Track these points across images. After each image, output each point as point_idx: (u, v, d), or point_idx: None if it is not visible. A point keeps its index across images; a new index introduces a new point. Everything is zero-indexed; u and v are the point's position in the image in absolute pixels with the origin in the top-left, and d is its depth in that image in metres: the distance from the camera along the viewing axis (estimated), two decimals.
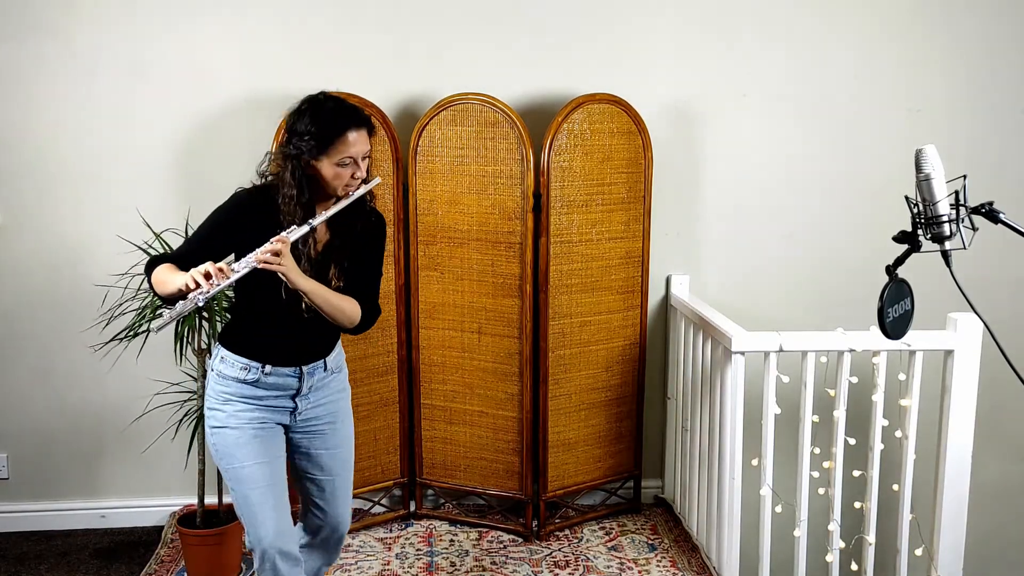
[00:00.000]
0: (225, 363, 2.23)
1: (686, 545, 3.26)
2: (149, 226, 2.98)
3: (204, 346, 2.89)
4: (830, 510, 2.89)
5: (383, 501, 3.45)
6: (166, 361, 3.10)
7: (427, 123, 3.16)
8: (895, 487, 2.93)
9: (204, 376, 2.90)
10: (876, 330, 2.24)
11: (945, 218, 1.74)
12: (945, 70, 3.50)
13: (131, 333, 2.81)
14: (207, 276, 1.98)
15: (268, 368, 2.22)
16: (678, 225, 3.51)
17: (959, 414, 2.84)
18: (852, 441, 2.85)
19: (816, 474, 2.90)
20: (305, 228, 2.12)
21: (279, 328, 2.22)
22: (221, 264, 2.01)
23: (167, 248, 2.89)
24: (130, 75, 3.24)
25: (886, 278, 1.85)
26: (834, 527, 2.89)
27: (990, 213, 1.77)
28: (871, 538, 2.92)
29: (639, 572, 3.09)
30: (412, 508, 3.45)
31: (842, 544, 2.92)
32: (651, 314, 3.49)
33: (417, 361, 3.32)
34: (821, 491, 2.92)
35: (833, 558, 2.91)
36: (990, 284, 3.51)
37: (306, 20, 3.27)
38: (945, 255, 1.77)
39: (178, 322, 2.78)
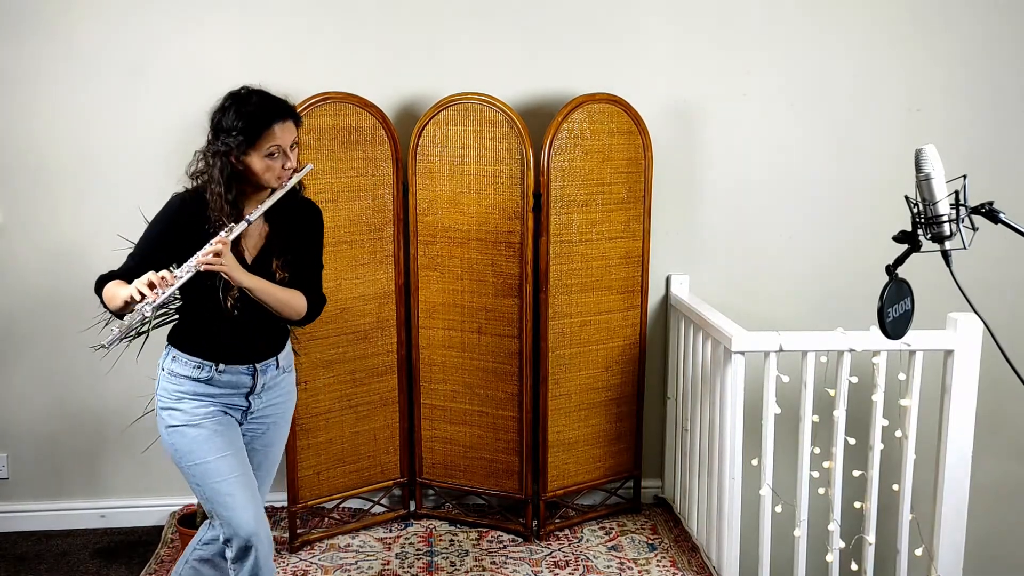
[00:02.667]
0: (177, 362, 2.24)
1: (686, 545, 3.25)
2: None
3: None
4: (830, 510, 2.89)
5: (383, 501, 3.45)
6: None
7: (427, 123, 3.16)
8: (895, 487, 2.93)
9: None
10: (876, 330, 2.24)
11: (945, 218, 1.74)
12: (945, 70, 3.50)
13: (131, 333, 2.80)
14: (151, 286, 2.00)
15: (221, 366, 2.23)
16: (678, 225, 3.51)
17: (959, 414, 2.84)
18: (852, 441, 2.85)
19: (816, 474, 2.90)
20: (243, 225, 2.14)
21: (227, 327, 2.22)
22: (163, 272, 2.03)
23: None
24: (130, 75, 3.24)
25: (886, 278, 1.85)
26: (834, 527, 2.89)
27: (990, 213, 1.77)
28: (871, 538, 2.92)
29: (639, 572, 3.09)
30: (412, 508, 3.45)
31: (842, 544, 2.92)
32: (651, 314, 3.49)
33: (417, 361, 3.32)
34: (821, 491, 2.92)
35: (833, 558, 2.90)
36: (990, 284, 3.51)
37: (306, 20, 3.27)
38: (945, 255, 1.77)
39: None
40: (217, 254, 2.06)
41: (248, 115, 2.13)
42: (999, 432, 3.63)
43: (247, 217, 2.16)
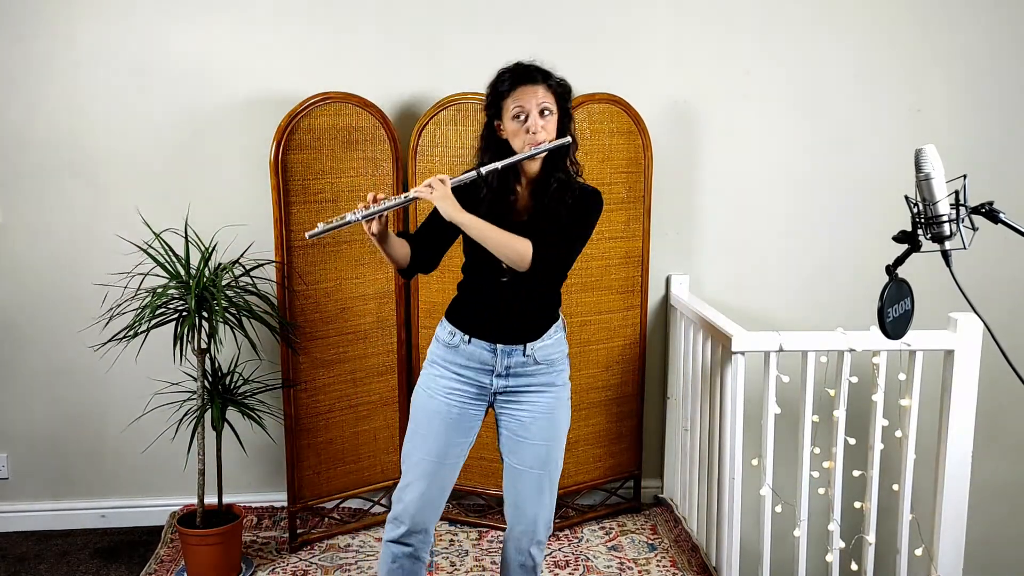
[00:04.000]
0: (441, 327, 2.31)
1: (686, 545, 3.25)
2: (149, 226, 2.98)
3: (204, 346, 2.89)
4: (830, 510, 2.89)
5: (383, 501, 3.45)
6: (166, 361, 3.10)
7: (427, 123, 3.16)
8: (895, 487, 2.92)
9: (204, 376, 2.91)
10: (876, 330, 2.24)
11: (945, 218, 1.74)
12: (945, 70, 3.50)
13: (131, 333, 2.81)
14: (366, 204, 2.12)
15: (468, 339, 2.25)
16: (678, 225, 3.51)
17: (959, 414, 2.84)
18: (852, 441, 2.85)
19: (816, 474, 2.90)
20: (471, 173, 2.18)
21: (484, 302, 2.25)
22: (380, 194, 2.14)
23: (166, 247, 2.89)
24: (130, 75, 3.24)
25: (886, 278, 1.85)
26: (834, 527, 2.89)
27: (990, 213, 1.77)
28: (871, 538, 2.92)
29: (639, 572, 3.09)
30: None
31: (842, 544, 2.92)
32: (651, 314, 3.49)
33: (417, 361, 3.32)
34: (821, 491, 2.92)
35: (833, 558, 2.90)
36: (990, 284, 3.51)
37: (306, 20, 3.27)
38: (945, 255, 1.77)
39: (177, 322, 2.83)
40: (431, 186, 2.13)
41: (496, 80, 2.22)
42: (999, 432, 3.63)
43: (479, 169, 2.18)
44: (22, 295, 3.34)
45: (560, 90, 2.23)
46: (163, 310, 2.85)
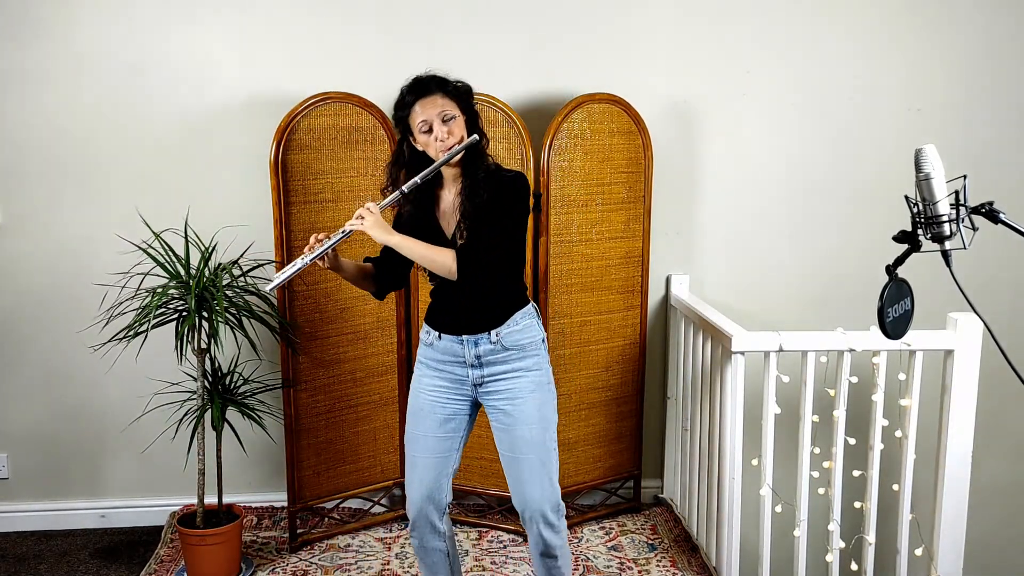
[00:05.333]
0: (422, 329, 2.47)
1: (686, 545, 3.25)
2: (148, 226, 2.98)
3: (204, 346, 2.89)
4: (830, 510, 2.89)
5: (383, 501, 3.45)
6: (166, 361, 3.10)
7: None
8: (895, 487, 2.92)
9: (204, 376, 2.91)
10: (876, 330, 2.24)
11: (945, 218, 1.74)
12: (945, 70, 3.50)
13: (131, 333, 2.81)
14: (310, 246, 2.27)
15: (439, 335, 2.39)
16: (678, 225, 3.51)
17: (959, 414, 2.84)
18: (852, 441, 2.85)
19: (816, 474, 2.90)
20: (396, 194, 2.30)
21: (444, 301, 2.39)
22: (322, 234, 2.29)
23: (166, 247, 2.89)
24: (130, 75, 3.24)
25: (886, 278, 1.84)
26: (834, 527, 2.89)
27: (990, 213, 1.77)
28: (871, 538, 2.92)
29: (639, 572, 3.09)
30: None
31: (842, 544, 2.92)
32: (651, 314, 3.49)
33: None
34: (821, 491, 2.92)
35: (833, 558, 2.90)
36: (990, 284, 3.51)
37: (306, 20, 3.27)
38: (945, 255, 1.77)
39: (178, 322, 2.84)
40: (360, 217, 2.24)
41: (398, 101, 2.33)
42: (999, 432, 3.63)
43: (402, 189, 2.29)
44: (22, 295, 3.34)
45: (458, 93, 2.34)
46: (163, 310, 2.85)
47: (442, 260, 2.25)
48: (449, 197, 2.36)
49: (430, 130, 2.27)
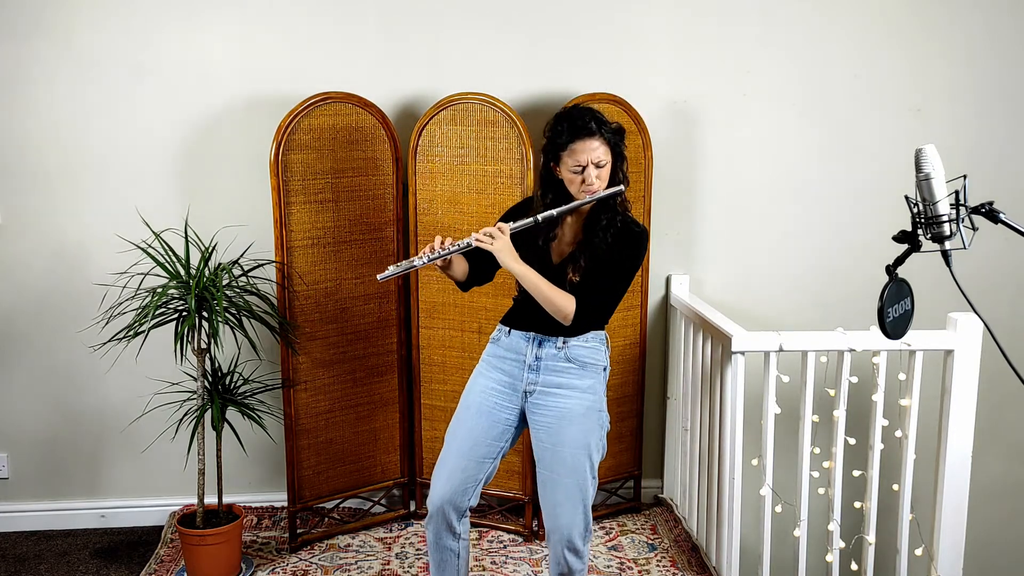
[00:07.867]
0: (496, 329, 2.49)
1: (686, 545, 3.25)
2: (148, 225, 2.98)
3: (204, 346, 2.89)
4: (830, 510, 2.90)
5: (383, 501, 3.45)
6: (166, 361, 3.11)
7: (427, 123, 3.16)
8: (895, 487, 2.93)
9: (204, 376, 2.91)
10: (876, 330, 2.24)
11: (945, 218, 1.74)
12: (946, 70, 3.50)
13: (131, 333, 2.81)
14: (431, 248, 2.33)
15: (509, 331, 2.42)
16: (678, 225, 3.51)
17: (959, 414, 2.84)
18: (852, 441, 2.85)
19: (816, 474, 2.90)
20: (529, 221, 2.32)
21: (528, 307, 2.37)
22: (446, 239, 2.34)
23: (166, 247, 2.89)
24: (130, 75, 3.24)
25: (886, 278, 1.85)
26: (834, 527, 2.89)
27: (990, 213, 1.77)
28: (871, 538, 2.92)
29: (639, 572, 3.09)
30: (412, 508, 3.45)
31: (842, 544, 2.92)
32: (651, 314, 3.49)
33: (417, 361, 3.32)
34: (821, 491, 2.92)
35: (833, 558, 2.91)
36: (990, 284, 3.51)
37: (306, 20, 3.27)
38: (945, 255, 1.77)
39: (178, 322, 2.84)
40: (491, 236, 2.28)
41: (553, 132, 2.33)
42: (999, 432, 3.64)
43: (536, 217, 2.32)
44: (22, 295, 3.34)
45: (614, 139, 2.34)
46: (163, 310, 2.85)
47: (561, 303, 2.28)
48: (569, 228, 2.39)
49: (581, 171, 2.28)
